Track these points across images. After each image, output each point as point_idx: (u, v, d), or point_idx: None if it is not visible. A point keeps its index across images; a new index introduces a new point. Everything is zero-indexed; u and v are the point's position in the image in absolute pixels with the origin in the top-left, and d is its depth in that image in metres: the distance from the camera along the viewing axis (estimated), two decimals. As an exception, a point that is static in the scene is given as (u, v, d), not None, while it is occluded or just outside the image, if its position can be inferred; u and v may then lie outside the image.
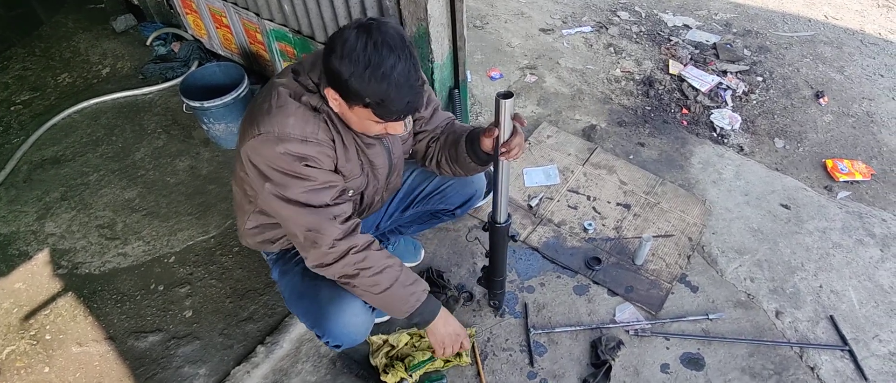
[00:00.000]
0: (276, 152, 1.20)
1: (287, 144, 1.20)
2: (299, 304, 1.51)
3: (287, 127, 1.20)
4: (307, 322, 1.52)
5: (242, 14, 2.72)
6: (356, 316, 1.46)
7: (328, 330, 1.45)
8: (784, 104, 2.93)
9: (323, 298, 1.45)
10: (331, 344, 1.53)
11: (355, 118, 1.22)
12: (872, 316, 1.94)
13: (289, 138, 1.20)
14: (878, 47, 3.39)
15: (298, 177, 1.24)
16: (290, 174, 1.23)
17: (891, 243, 2.19)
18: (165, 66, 3.18)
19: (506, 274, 1.78)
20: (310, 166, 1.24)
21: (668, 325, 1.91)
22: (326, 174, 1.28)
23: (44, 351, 1.94)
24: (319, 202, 1.27)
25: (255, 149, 1.23)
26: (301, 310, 1.52)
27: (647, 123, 2.79)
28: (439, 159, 1.57)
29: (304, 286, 1.49)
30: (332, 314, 1.44)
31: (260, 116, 1.23)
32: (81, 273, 2.19)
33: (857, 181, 2.46)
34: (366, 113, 1.17)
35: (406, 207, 1.81)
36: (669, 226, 2.23)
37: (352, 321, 1.45)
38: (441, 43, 2.09)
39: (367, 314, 1.50)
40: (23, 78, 3.28)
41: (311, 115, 1.24)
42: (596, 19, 3.67)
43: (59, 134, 2.86)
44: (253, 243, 1.58)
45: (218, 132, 2.60)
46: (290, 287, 1.54)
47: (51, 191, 2.54)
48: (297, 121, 1.21)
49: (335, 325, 1.44)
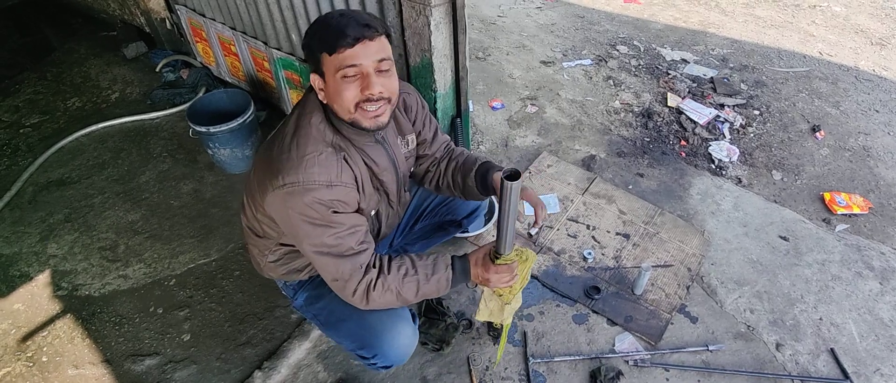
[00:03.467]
0: (304, 203, 1.20)
1: (315, 193, 1.20)
2: (341, 328, 1.52)
3: (312, 174, 1.20)
4: (352, 345, 1.52)
5: (251, 43, 2.79)
6: (408, 336, 1.50)
7: (382, 351, 1.47)
8: (781, 137, 2.97)
9: (373, 321, 1.47)
10: (379, 365, 1.53)
11: (331, 89, 1.22)
12: (873, 349, 1.93)
13: (315, 186, 1.20)
14: (873, 83, 3.45)
15: (327, 225, 1.24)
16: (318, 223, 1.23)
17: (890, 276, 2.19)
18: (173, 92, 3.25)
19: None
20: (337, 213, 1.25)
21: (668, 356, 1.90)
22: (352, 217, 1.29)
23: (40, 373, 1.93)
24: (347, 249, 1.27)
25: (282, 201, 1.23)
26: (344, 334, 1.52)
27: (646, 154, 2.83)
28: (440, 184, 1.61)
29: (348, 310, 1.48)
30: (385, 336, 1.46)
31: (283, 164, 1.22)
32: (81, 294, 2.19)
33: (855, 214, 2.48)
34: (330, 63, 1.19)
35: (415, 221, 1.84)
36: (668, 257, 2.24)
37: (404, 343, 1.49)
38: (444, 73, 2.15)
39: (415, 333, 1.55)
40: (33, 102, 3.35)
41: (334, 158, 1.25)
42: (596, 53, 3.75)
43: (66, 156, 2.90)
44: (277, 275, 1.59)
45: (223, 157, 2.63)
46: (327, 312, 1.55)
47: (55, 213, 2.56)
48: (322, 168, 1.22)
49: (390, 347, 1.47)
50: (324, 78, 1.23)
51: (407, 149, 1.52)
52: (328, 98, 1.26)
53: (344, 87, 1.20)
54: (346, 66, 1.18)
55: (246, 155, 2.67)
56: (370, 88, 1.20)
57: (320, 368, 1.87)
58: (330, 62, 1.19)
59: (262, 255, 1.54)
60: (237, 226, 2.44)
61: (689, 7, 4.49)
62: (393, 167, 1.45)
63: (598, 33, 4.03)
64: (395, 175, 1.47)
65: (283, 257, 1.52)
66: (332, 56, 1.18)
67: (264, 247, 1.52)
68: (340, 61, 1.17)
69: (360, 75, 1.20)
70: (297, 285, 1.63)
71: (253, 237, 1.53)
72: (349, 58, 1.17)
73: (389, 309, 1.47)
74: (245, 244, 1.64)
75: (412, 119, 1.53)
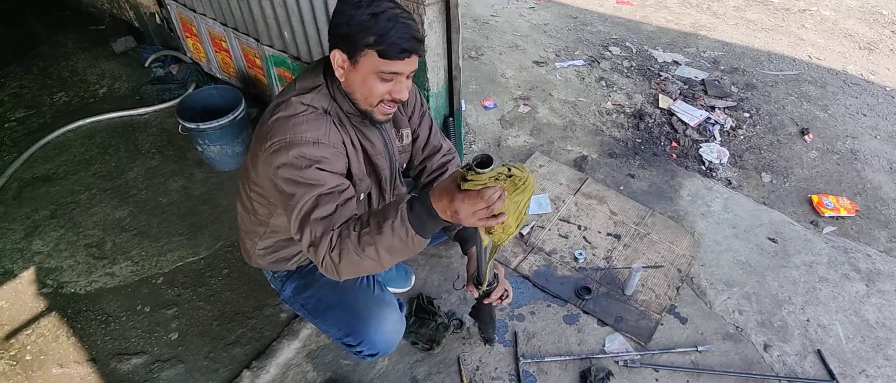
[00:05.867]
0: (289, 156, 1.21)
1: (300, 148, 1.21)
2: (329, 315, 1.53)
3: (298, 132, 1.22)
4: (339, 332, 1.53)
5: (242, 39, 2.76)
6: (394, 323, 1.52)
7: (368, 337, 1.48)
8: (770, 140, 3.00)
9: (360, 308, 1.50)
10: (365, 353, 1.53)
11: (360, 78, 1.24)
12: (859, 350, 1.95)
13: (301, 142, 1.21)
14: (861, 87, 3.50)
15: (310, 184, 1.21)
16: (300, 180, 1.21)
17: (875, 278, 2.21)
18: (163, 88, 3.21)
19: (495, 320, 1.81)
20: (322, 170, 1.23)
21: (658, 357, 1.91)
22: (336, 178, 1.26)
23: (23, 372, 1.90)
24: (326, 211, 1.19)
25: (270, 161, 1.23)
26: (331, 321, 1.53)
27: (638, 155, 2.84)
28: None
29: (336, 297, 1.52)
30: (370, 322, 1.48)
31: (272, 127, 1.24)
32: (67, 292, 2.16)
33: (843, 217, 2.51)
34: (370, 60, 1.20)
35: None
36: (659, 257, 2.25)
37: (390, 329, 1.51)
38: (437, 72, 2.14)
39: (402, 321, 1.57)
40: (19, 96, 3.29)
41: (322, 119, 1.26)
42: (588, 54, 3.77)
43: (52, 152, 2.85)
44: (265, 264, 1.59)
45: (213, 154, 2.61)
46: (315, 299, 1.56)
47: (40, 209, 2.52)
48: (309, 126, 1.23)
49: (375, 333, 1.48)
50: (354, 64, 1.23)
51: (400, 143, 1.52)
52: (349, 82, 1.27)
53: (376, 84, 1.24)
54: (389, 71, 1.22)
55: (236, 152, 2.64)
56: (400, 94, 1.26)
57: (309, 368, 1.86)
58: (373, 61, 1.20)
59: (252, 243, 1.54)
60: (226, 224, 2.41)
61: (681, 9, 4.52)
62: (387, 152, 1.45)
63: (591, 34, 4.04)
64: (388, 161, 1.47)
65: (274, 244, 1.52)
66: (382, 59, 1.19)
67: (255, 234, 1.52)
68: (387, 66, 1.21)
69: (393, 78, 1.24)
70: (286, 276, 1.63)
71: (246, 223, 1.53)
72: (396, 66, 1.21)
73: (377, 296, 1.51)
74: (238, 235, 1.63)
75: (409, 114, 1.54)
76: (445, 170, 1.64)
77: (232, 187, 2.61)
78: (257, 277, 2.13)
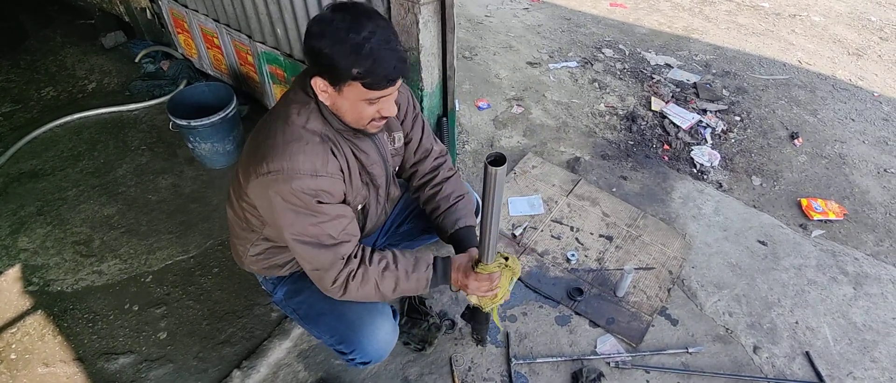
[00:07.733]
0: (287, 190, 1.20)
1: (299, 182, 1.19)
2: (321, 322, 1.51)
3: (297, 163, 1.19)
4: (331, 339, 1.51)
5: (234, 36, 2.74)
6: (387, 332, 1.50)
7: (360, 346, 1.46)
8: (761, 143, 3.03)
9: (352, 316, 1.47)
10: (357, 361, 1.51)
11: (347, 104, 1.22)
12: (846, 353, 1.98)
13: (300, 175, 1.19)
14: (849, 92, 3.54)
15: (309, 214, 1.23)
16: (300, 212, 1.23)
17: (863, 282, 2.24)
18: (153, 84, 3.18)
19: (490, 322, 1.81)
20: (321, 202, 1.24)
21: (649, 358, 1.92)
22: (337, 208, 1.28)
23: (7, 371, 1.86)
24: (328, 239, 1.27)
25: (265, 187, 1.22)
26: (324, 328, 1.51)
27: (630, 157, 2.85)
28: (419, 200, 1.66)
29: (328, 304, 1.48)
30: (363, 331, 1.46)
31: (268, 151, 1.21)
32: (53, 290, 2.12)
33: (831, 220, 2.53)
34: (356, 90, 1.17)
35: (401, 222, 1.83)
36: (650, 259, 2.26)
37: (383, 338, 1.49)
38: (431, 72, 2.13)
39: (395, 330, 1.55)
40: (5, 90, 3.24)
41: (321, 147, 1.24)
42: (581, 55, 3.78)
43: (39, 147, 2.81)
44: (258, 269, 1.57)
45: (203, 151, 2.58)
46: (307, 306, 1.54)
47: (26, 206, 2.48)
48: (307, 157, 1.20)
49: (368, 342, 1.46)
50: (338, 91, 1.20)
51: (393, 146, 1.51)
52: (336, 106, 1.25)
53: (364, 108, 1.23)
54: (376, 97, 1.20)
55: (227, 150, 2.62)
56: (388, 111, 1.25)
57: (300, 368, 1.85)
58: (359, 90, 1.18)
59: (244, 248, 1.53)
60: (217, 222, 2.39)
61: (674, 13, 4.55)
62: (381, 159, 1.45)
63: (584, 36, 4.05)
64: (384, 168, 1.47)
65: (266, 251, 1.50)
66: (367, 89, 1.17)
67: (247, 240, 1.50)
68: (374, 95, 1.19)
69: (380, 99, 1.23)
70: (277, 280, 1.61)
71: (237, 229, 1.51)
72: (383, 93, 1.20)
73: (369, 305, 1.48)
74: (229, 236, 1.61)
75: (401, 118, 1.53)
76: (437, 174, 1.63)
77: (223, 185, 2.59)
78: (248, 276, 2.11)
